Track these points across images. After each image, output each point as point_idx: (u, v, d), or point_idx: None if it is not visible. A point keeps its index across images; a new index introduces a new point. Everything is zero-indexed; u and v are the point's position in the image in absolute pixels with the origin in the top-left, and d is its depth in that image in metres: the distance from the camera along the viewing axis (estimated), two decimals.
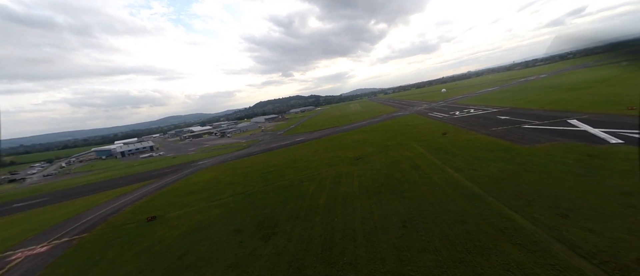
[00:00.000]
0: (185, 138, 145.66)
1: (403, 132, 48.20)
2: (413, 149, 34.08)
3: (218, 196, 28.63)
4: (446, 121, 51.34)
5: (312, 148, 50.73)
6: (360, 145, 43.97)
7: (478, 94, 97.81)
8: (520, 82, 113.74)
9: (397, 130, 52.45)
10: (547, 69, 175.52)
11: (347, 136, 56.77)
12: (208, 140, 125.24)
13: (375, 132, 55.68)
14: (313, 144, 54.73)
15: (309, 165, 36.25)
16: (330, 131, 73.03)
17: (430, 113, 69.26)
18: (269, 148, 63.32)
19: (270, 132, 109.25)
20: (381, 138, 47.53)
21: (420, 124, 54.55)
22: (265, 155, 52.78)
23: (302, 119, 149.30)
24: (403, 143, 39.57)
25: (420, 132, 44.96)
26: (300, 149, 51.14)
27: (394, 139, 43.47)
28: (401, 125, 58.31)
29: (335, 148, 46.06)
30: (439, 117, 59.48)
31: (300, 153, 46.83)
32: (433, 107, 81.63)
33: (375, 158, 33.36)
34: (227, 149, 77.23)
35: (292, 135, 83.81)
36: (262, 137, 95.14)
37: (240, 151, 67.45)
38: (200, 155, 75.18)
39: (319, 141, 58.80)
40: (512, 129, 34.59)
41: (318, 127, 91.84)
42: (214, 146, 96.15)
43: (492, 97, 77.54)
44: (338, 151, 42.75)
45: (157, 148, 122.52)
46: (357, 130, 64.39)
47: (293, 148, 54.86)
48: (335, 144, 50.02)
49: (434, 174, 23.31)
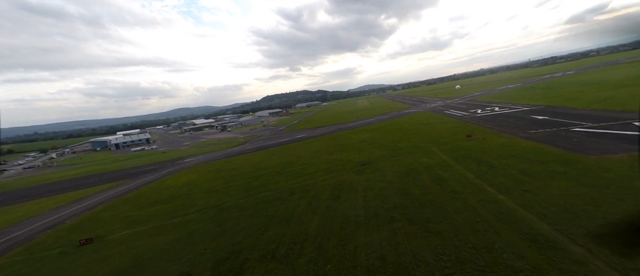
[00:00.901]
0: (186, 130, 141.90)
1: (417, 133, 41.55)
2: (433, 155, 27.57)
3: (184, 209, 22.98)
4: (468, 120, 44.33)
5: (313, 147, 44.66)
6: (367, 146, 37.60)
7: (498, 90, 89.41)
8: (544, 79, 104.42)
9: (410, 129, 45.77)
10: (572, 65, 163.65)
11: (353, 135, 50.41)
12: (208, 134, 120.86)
13: (385, 131, 49.12)
14: (314, 143, 48.64)
15: (304, 170, 30.22)
16: (335, 128, 66.71)
17: (447, 111, 62.04)
18: (266, 145, 57.62)
19: (272, 127, 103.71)
20: (392, 138, 41.03)
21: (437, 123, 47.66)
22: (259, 154, 47.07)
23: (307, 115, 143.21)
24: (419, 145, 33.02)
25: (438, 133, 38.24)
26: (298, 149, 45.16)
27: (407, 141, 36.93)
28: (414, 123, 51.51)
29: (338, 148, 39.85)
30: (458, 115, 52.35)
31: (297, 154, 40.85)
32: (449, 105, 74.16)
33: (385, 164, 27.04)
34: (222, 145, 72.05)
35: (294, 131, 77.88)
36: (261, 132, 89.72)
37: (234, 148, 62.03)
38: (191, 151, 70.30)
39: (321, 139, 52.67)
40: (558, 133, 27.65)
41: (322, 123, 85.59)
42: (211, 140, 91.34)
43: (516, 94, 69.53)
44: (341, 152, 36.54)
45: (154, 141, 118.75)
46: (364, 128, 57.90)
47: (291, 147, 48.92)
48: (338, 143, 43.79)
49: (468, 195, 16.89)
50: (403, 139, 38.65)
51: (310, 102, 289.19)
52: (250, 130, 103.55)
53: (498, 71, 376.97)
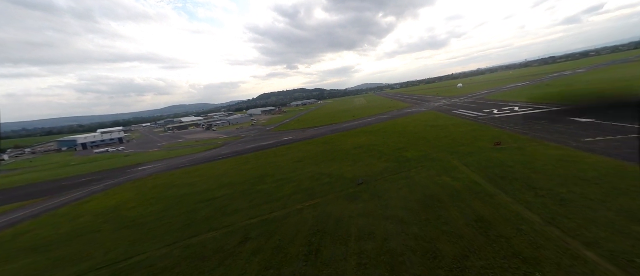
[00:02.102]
0: (169, 129, 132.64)
1: (427, 137, 33.63)
2: (455, 172, 19.67)
3: (60, 269, 14.59)
4: (486, 122, 36.58)
5: (297, 153, 36.56)
6: (364, 155, 29.60)
7: (507, 89, 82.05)
8: (553, 77, 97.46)
9: (417, 132, 37.87)
10: (574, 64, 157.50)
11: (347, 138, 42.39)
12: (191, 132, 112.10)
13: (386, 134, 41.17)
14: (300, 148, 40.53)
15: (278, 190, 22.13)
16: (328, 130, 58.63)
17: (455, 110, 54.34)
18: (245, 148, 49.42)
19: (261, 126, 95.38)
20: (394, 143, 33.08)
21: (448, 124, 39.83)
22: (231, 161, 38.82)
23: (301, 113, 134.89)
24: (431, 155, 25.13)
25: (453, 138, 30.39)
26: (279, 156, 37.01)
27: (415, 148, 29.00)
28: (420, 125, 43.65)
29: (327, 156, 31.79)
30: (470, 116, 44.61)
31: (277, 162, 32.70)
32: (455, 103, 66.52)
33: (389, 186, 19.07)
34: (196, 148, 63.60)
35: (281, 132, 69.66)
36: (247, 132, 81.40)
37: (208, 152, 53.61)
38: (159, 154, 61.68)
39: (309, 143, 44.58)
40: (626, 142, 20.01)
41: (314, 123, 77.44)
42: (189, 140, 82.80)
43: (532, 92, 62.06)
44: (330, 163, 28.48)
45: (128, 141, 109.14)
46: (361, 130, 49.91)
47: (272, 153, 40.75)
48: (329, 150, 35.72)
49: (553, 268, 8.96)
50: (409, 145, 30.73)
51: (306, 100, 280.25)
52: (237, 129, 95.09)
53: (497, 70, 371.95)
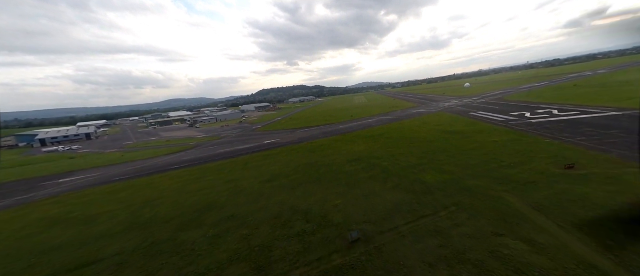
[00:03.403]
0: (151, 124, 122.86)
1: (447, 148, 24.51)
2: (526, 225, 10.61)
3: None
4: (526, 130, 27.56)
5: (272, 167, 27.45)
6: (363, 175, 20.47)
7: (525, 89, 73.06)
8: (571, 77, 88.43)
9: (431, 140, 28.71)
10: (602, 63, 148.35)
11: (342, 145, 33.28)
12: (172, 129, 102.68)
13: (391, 141, 32.02)
14: (279, 158, 31.41)
15: (207, 253, 13.13)
16: (320, 131, 49.56)
17: (473, 112, 45.35)
18: (213, 154, 40.25)
19: (249, 124, 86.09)
20: (403, 155, 23.96)
21: (472, 131, 30.74)
22: (180, 175, 29.53)
23: (296, 111, 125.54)
24: (464, 181, 16.10)
25: (489, 153, 21.30)
26: (248, 170, 27.84)
27: (434, 166, 19.92)
28: (433, 130, 34.55)
29: (310, 175, 22.71)
30: (497, 120, 35.59)
31: (237, 183, 23.53)
32: (469, 104, 57.53)
33: (409, 254, 10.03)
34: (160, 150, 54.35)
35: (267, 133, 60.52)
36: (230, 131, 72.16)
37: (167, 157, 44.34)
38: (110, 157, 52.28)
39: (293, 149, 35.49)
40: None
41: (307, 123, 68.29)
42: (161, 139, 73.51)
43: (563, 93, 53.08)
44: (312, 188, 19.41)
45: (96, 137, 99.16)
46: (360, 134, 40.82)
47: (241, 163, 31.61)
48: (315, 162, 26.63)
49: None
50: (426, 161, 21.65)
51: (304, 97, 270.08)
52: (221, 127, 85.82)
53: (501, 71, 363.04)
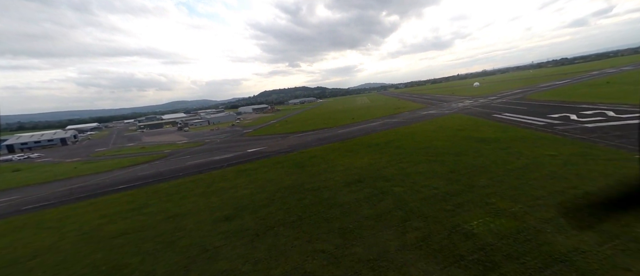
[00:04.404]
0: (141, 127, 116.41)
1: (487, 166, 17.08)
2: None
3: None
4: (589, 139, 20.11)
5: (242, 191, 20.26)
6: (367, 210, 13.16)
7: (546, 87, 65.36)
8: (595, 75, 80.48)
9: (458, 152, 21.29)
10: (617, 61, 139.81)
11: (339, 158, 25.97)
12: (160, 132, 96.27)
13: (402, 152, 24.63)
14: (257, 176, 24.23)
15: None
16: (315, 137, 42.45)
17: (496, 114, 37.91)
18: (182, 167, 33.13)
19: (241, 127, 79.20)
20: (422, 174, 16.60)
21: (510, 139, 23.29)
22: (118, 203, 22.25)
23: (294, 113, 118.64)
24: (553, 242, 8.67)
25: (566, 178, 13.88)
26: (212, 195, 20.68)
27: (474, 196, 12.55)
28: (457, 137, 27.09)
29: (290, 212, 15.49)
30: (536, 124, 28.14)
31: (182, 221, 16.40)
32: (488, 105, 50.07)
33: None
34: (127, 159, 47.16)
35: (255, 138, 53.51)
36: (217, 135, 65.23)
37: (126, 171, 36.75)
38: (62, 169, 44.71)
39: (278, 162, 28.31)
40: None
41: (303, 126, 61.21)
42: (139, 145, 66.69)
43: (597, 91, 45.47)
44: (287, 242, 12.15)
45: (75, 141, 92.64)
46: (362, 140, 33.55)
47: (207, 182, 24.47)
48: (302, 185, 19.41)
49: None
50: (461, 188, 14.31)
51: (304, 99, 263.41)
52: (210, 131, 79.10)
53: (507, 71, 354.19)
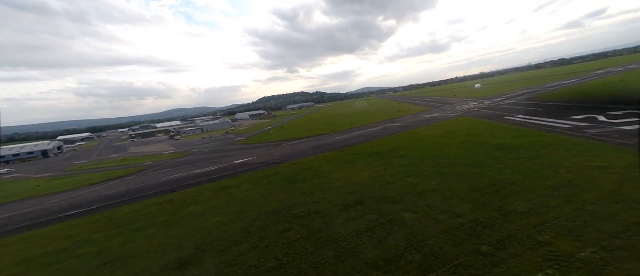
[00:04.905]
0: (132, 136, 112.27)
1: (524, 185, 13.58)
2: None
3: None
4: (630, 145, 16.64)
5: (215, 219, 16.73)
6: (372, 259, 9.62)
7: (553, 87, 62.23)
8: (600, 74, 77.51)
9: (477, 162, 17.75)
10: (616, 61, 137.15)
11: (336, 169, 22.42)
12: (150, 142, 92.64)
13: (408, 162, 21.08)
14: (237, 195, 20.71)
15: None
16: (310, 145, 39.00)
17: (508, 116, 34.56)
18: (156, 184, 29.46)
19: (234, 134, 75.71)
20: (442, 195, 13.09)
21: (535, 146, 19.81)
22: (45, 241, 18.79)
23: (291, 118, 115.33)
24: None
25: (636, 199, 10.39)
26: (176, 225, 17.15)
27: (516, 231, 9.02)
28: (471, 143, 23.58)
29: (267, 254, 11.93)
30: (560, 127, 24.75)
31: (129, 269, 12.84)
32: (496, 106, 46.80)
33: None
34: (99, 174, 43.36)
35: (246, 148, 49.99)
36: (206, 144, 61.60)
37: (90, 190, 32.74)
38: (23, 187, 40.78)
39: (265, 177, 24.79)
40: None
41: (299, 133, 57.78)
42: (121, 156, 62.80)
43: (612, 89, 42.24)
44: None
45: (60, 153, 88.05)
46: (362, 148, 30.04)
47: (176, 205, 20.96)
48: (287, 209, 15.90)
49: None
50: (493, 216, 10.81)
51: (302, 104, 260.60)
52: (201, 139, 75.59)
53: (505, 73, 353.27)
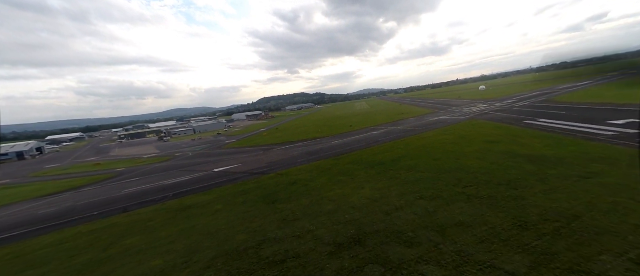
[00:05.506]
0: (121, 137, 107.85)
1: (592, 218, 9.37)
2: None
3: None
4: None
5: (153, 263, 12.46)
6: None
7: (567, 89, 58.13)
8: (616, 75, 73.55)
9: (511, 181, 13.49)
10: (624, 63, 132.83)
11: (329, 184, 18.18)
12: (138, 143, 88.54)
13: (418, 176, 16.81)
14: (201, 220, 16.51)
15: None
16: (306, 150, 34.85)
17: (528, 120, 30.40)
18: (110, 198, 25.07)
19: (226, 136, 71.65)
20: (471, 231, 8.84)
21: (581, 159, 15.63)
22: None
23: (288, 119, 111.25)
24: None
25: None
26: (100, 270, 12.93)
27: None
28: (493, 153, 19.35)
29: None
30: (601, 134, 20.60)
31: None
32: (509, 109, 42.71)
33: None
34: (60, 182, 38.95)
35: (234, 152, 45.84)
36: (192, 147, 57.55)
37: (30, 204, 29.04)
38: None
39: (243, 192, 20.60)
40: None
41: (293, 136, 53.64)
42: (98, 160, 58.43)
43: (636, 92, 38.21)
44: None
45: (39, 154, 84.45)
46: (362, 156, 25.83)
47: (114, 236, 16.77)
48: (258, 246, 11.61)
49: None
50: None
51: (302, 105, 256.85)
52: (191, 141, 71.53)
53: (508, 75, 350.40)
